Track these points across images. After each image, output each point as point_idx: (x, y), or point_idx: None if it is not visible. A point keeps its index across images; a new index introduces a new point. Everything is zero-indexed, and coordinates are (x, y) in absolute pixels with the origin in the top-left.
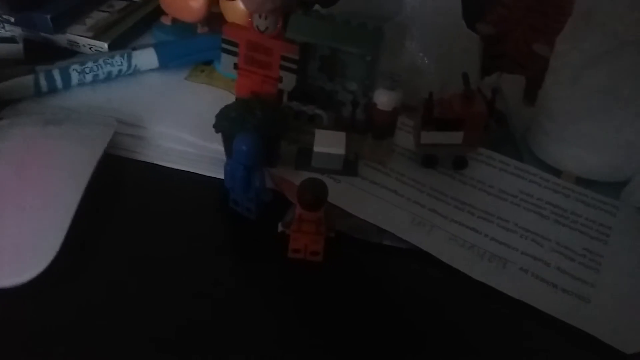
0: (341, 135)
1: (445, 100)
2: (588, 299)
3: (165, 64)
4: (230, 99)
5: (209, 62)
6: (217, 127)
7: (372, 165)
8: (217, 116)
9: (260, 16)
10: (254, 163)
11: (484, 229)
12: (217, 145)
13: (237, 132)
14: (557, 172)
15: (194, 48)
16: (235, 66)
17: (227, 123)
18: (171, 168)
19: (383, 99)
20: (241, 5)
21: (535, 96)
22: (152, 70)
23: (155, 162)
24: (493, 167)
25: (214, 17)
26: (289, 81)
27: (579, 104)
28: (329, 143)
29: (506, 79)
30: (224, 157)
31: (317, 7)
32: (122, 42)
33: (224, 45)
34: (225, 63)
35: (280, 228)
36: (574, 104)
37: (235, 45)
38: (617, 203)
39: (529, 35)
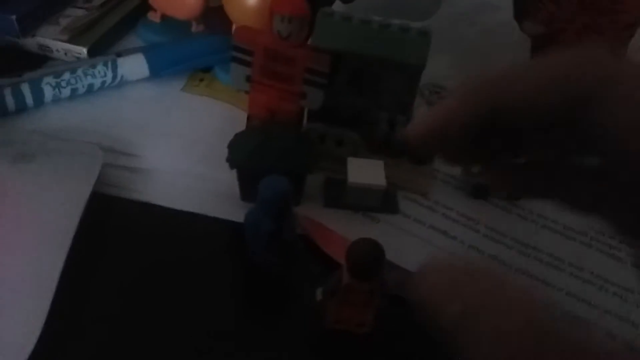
0: (379, 165)
1: None
2: None
3: (157, 72)
4: (237, 114)
5: (208, 69)
6: (232, 161)
7: (411, 198)
8: (231, 147)
9: (283, 19)
10: (285, 213)
11: (555, 281)
12: (226, 176)
13: (257, 169)
14: None
15: (191, 52)
16: (248, 79)
17: (243, 157)
18: (172, 209)
19: None
20: None
21: None
22: (141, 80)
23: (152, 201)
24: None
25: (212, 13)
26: (315, 98)
27: None
28: (365, 174)
29: None
30: (236, 192)
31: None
32: (103, 46)
33: (235, 54)
34: (236, 75)
35: (319, 296)
36: None
37: (249, 53)
38: None
39: (584, 36)
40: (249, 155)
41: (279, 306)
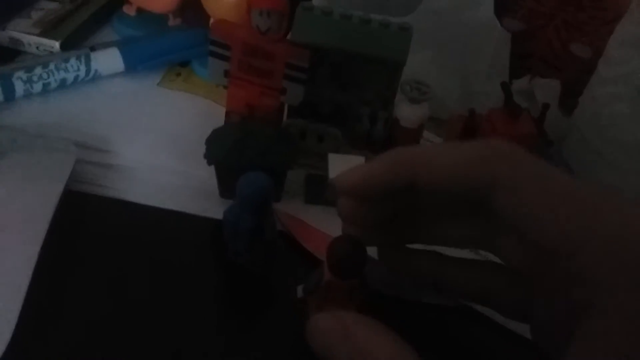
0: (360, 161)
1: (484, 117)
2: None
3: (132, 66)
4: (216, 110)
5: (185, 63)
6: (210, 157)
7: None
8: (208, 143)
9: (261, 13)
10: (265, 210)
11: None
12: (205, 173)
13: (235, 165)
14: None
15: (167, 46)
16: (226, 73)
17: (221, 153)
18: (149, 206)
19: (407, 114)
20: None
21: (573, 104)
22: (116, 75)
23: (128, 198)
24: None
25: (189, 6)
26: (294, 94)
27: None
28: (346, 170)
29: (538, 83)
30: (214, 189)
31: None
32: (77, 40)
33: (212, 48)
34: (214, 69)
35: (300, 293)
36: (638, 122)
37: (227, 48)
38: None
39: (564, 32)
40: (227, 151)
41: (260, 304)
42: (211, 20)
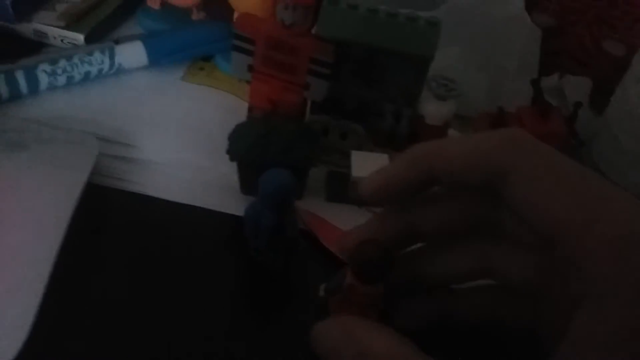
0: (383, 158)
1: (513, 115)
2: None
3: (156, 60)
4: (239, 105)
5: (209, 58)
6: (232, 153)
7: None
8: (231, 138)
9: (286, 7)
10: (287, 208)
11: None
12: (227, 168)
13: (258, 162)
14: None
15: (191, 40)
16: (250, 68)
17: (244, 149)
18: (170, 201)
19: (432, 111)
20: None
21: (605, 103)
22: (140, 68)
23: (149, 193)
24: None
25: (212, 0)
26: (318, 89)
27: None
28: (369, 168)
29: (568, 81)
30: (236, 185)
31: None
32: (101, 33)
33: (236, 42)
34: (237, 63)
35: (322, 293)
36: None
37: (251, 42)
38: None
39: (596, 29)
40: (249, 148)
41: (279, 302)
42: (235, 14)
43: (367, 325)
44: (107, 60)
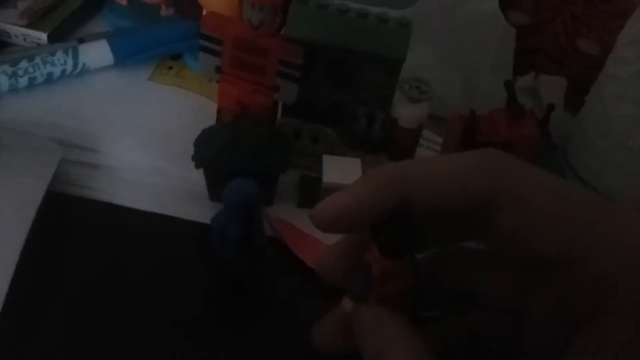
0: (355, 163)
1: (486, 118)
2: None
3: (122, 60)
4: (208, 106)
5: (177, 57)
6: (198, 160)
7: None
8: (197, 144)
9: (253, 6)
10: (253, 218)
11: None
12: (195, 174)
13: (224, 169)
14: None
15: (159, 38)
16: (218, 69)
17: (210, 155)
18: (136, 209)
19: (405, 113)
20: None
21: (580, 103)
22: (105, 68)
23: (114, 201)
24: None
25: None
26: (288, 92)
27: None
28: (341, 173)
29: (543, 80)
30: (204, 192)
31: None
32: (65, 31)
33: (203, 42)
34: (205, 64)
35: (348, 305)
36: None
37: (218, 43)
38: None
39: (571, 27)
40: (216, 154)
41: (249, 311)
42: (204, 12)
43: (400, 328)
44: (70, 61)
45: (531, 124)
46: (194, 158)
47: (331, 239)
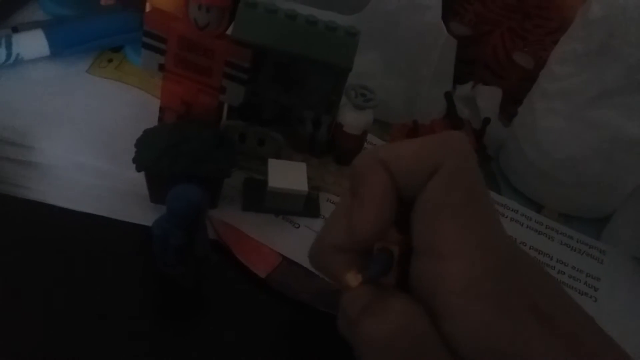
0: (301, 167)
1: (427, 127)
2: None
3: (59, 51)
4: (150, 102)
5: (118, 49)
6: (139, 163)
7: (335, 200)
8: (138, 146)
9: (200, 7)
10: (196, 225)
11: None
12: (134, 174)
13: (167, 173)
14: (536, 206)
15: (99, 29)
16: (161, 67)
17: (152, 158)
18: (72, 210)
19: (351, 120)
20: None
21: (513, 114)
22: (41, 59)
23: (49, 201)
24: None
25: None
26: (234, 94)
27: (582, 140)
28: (286, 177)
29: (480, 90)
30: (145, 193)
31: None
32: None
33: (146, 39)
34: (147, 61)
35: (353, 282)
36: (572, 139)
37: (162, 40)
38: (602, 246)
39: (508, 40)
40: (158, 157)
41: (190, 316)
42: (147, 6)
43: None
44: (3, 51)
45: (469, 135)
46: (135, 160)
47: (274, 243)
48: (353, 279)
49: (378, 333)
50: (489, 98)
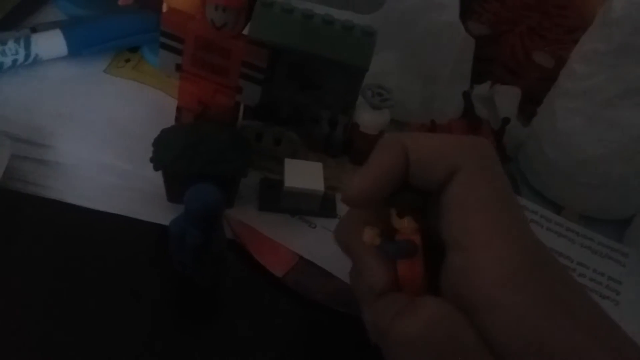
0: (317, 167)
1: (445, 127)
2: None
3: (76, 51)
4: (167, 102)
5: (135, 49)
6: (157, 162)
7: None
8: (156, 145)
9: (217, 8)
10: (214, 225)
11: None
12: (152, 173)
13: (184, 173)
14: (556, 207)
15: (116, 29)
16: (178, 67)
17: (169, 158)
18: (89, 209)
19: (367, 120)
20: None
21: (533, 113)
22: (59, 59)
23: (67, 199)
24: None
25: None
26: (251, 94)
27: (604, 141)
28: (303, 177)
29: (499, 90)
30: (162, 192)
31: None
32: (16, 19)
33: (164, 40)
34: (165, 61)
35: (367, 238)
36: (593, 139)
37: (179, 40)
38: (624, 249)
39: (527, 40)
40: (176, 157)
41: (207, 316)
42: (164, 6)
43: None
44: (22, 51)
45: (487, 135)
46: (152, 160)
47: (291, 243)
48: (370, 233)
49: (413, 329)
50: (507, 98)
